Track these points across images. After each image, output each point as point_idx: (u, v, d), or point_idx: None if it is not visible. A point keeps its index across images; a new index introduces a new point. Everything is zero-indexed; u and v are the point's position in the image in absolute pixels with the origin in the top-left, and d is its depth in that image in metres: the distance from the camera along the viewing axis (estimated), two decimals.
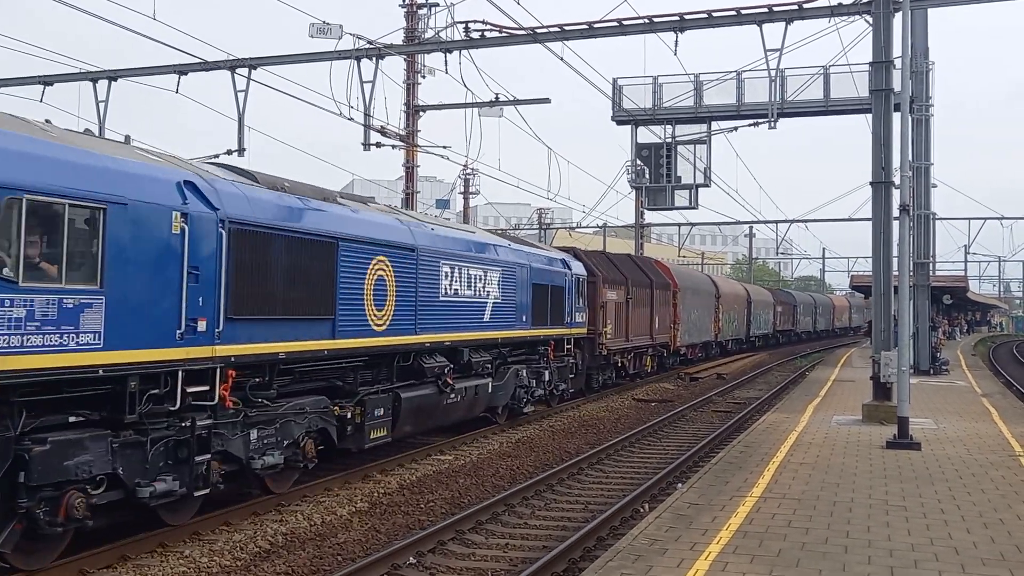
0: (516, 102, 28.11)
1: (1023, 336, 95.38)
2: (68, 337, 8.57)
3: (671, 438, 20.22)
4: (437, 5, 30.25)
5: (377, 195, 26.13)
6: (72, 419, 9.02)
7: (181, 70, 24.08)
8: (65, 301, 8.57)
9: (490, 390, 18.66)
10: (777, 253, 76.84)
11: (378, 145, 27.68)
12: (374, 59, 23.69)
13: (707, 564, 8.30)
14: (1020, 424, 18.67)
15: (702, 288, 41.72)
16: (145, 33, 21.40)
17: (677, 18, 21.00)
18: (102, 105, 24.97)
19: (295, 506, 12.49)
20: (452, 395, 16.75)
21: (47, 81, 25.62)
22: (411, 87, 31.63)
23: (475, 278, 17.77)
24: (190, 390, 10.15)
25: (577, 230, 60.63)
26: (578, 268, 24.53)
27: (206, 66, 23.69)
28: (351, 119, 23.81)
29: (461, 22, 23.11)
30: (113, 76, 24.96)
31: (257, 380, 11.64)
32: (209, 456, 10.50)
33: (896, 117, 18.64)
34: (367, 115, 24.49)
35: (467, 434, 18.64)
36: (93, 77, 24.94)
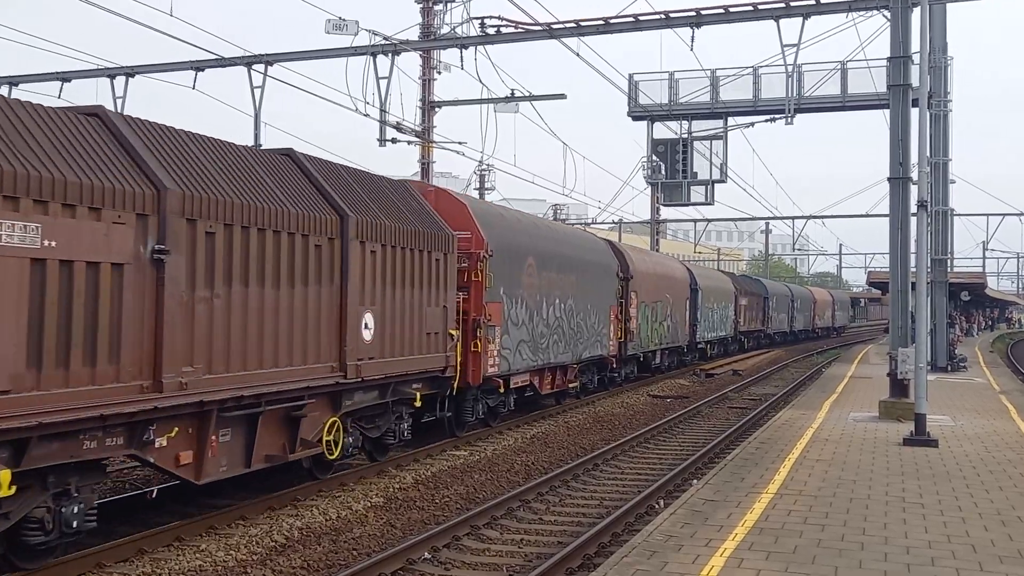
0: (532, 98, 28.11)
1: None
2: None
3: (687, 434, 20.18)
4: (453, 1, 30.25)
5: None
6: None
7: (198, 66, 24.22)
8: None
9: None
10: (794, 249, 76.61)
11: (394, 141, 27.77)
12: (390, 55, 23.75)
13: (723, 560, 8.28)
14: None
15: (579, 259, 22.83)
16: (163, 30, 21.48)
17: (693, 13, 20.97)
18: (119, 101, 25.12)
19: (310, 501, 12.53)
20: None
21: (65, 77, 25.80)
22: (427, 83, 31.66)
23: None
24: None
25: (592, 226, 60.56)
26: None
27: (223, 62, 23.81)
28: (367, 115, 23.91)
29: (477, 18, 23.19)
30: (130, 72, 25.12)
31: None
32: None
33: (914, 112, 18.56)
34: (383, 111, 24.55)
35: (481, 430, 18.64)
36: (111, 73, 25.10)
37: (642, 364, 30.28)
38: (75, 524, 8.90)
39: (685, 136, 36.28)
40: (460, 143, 31.00)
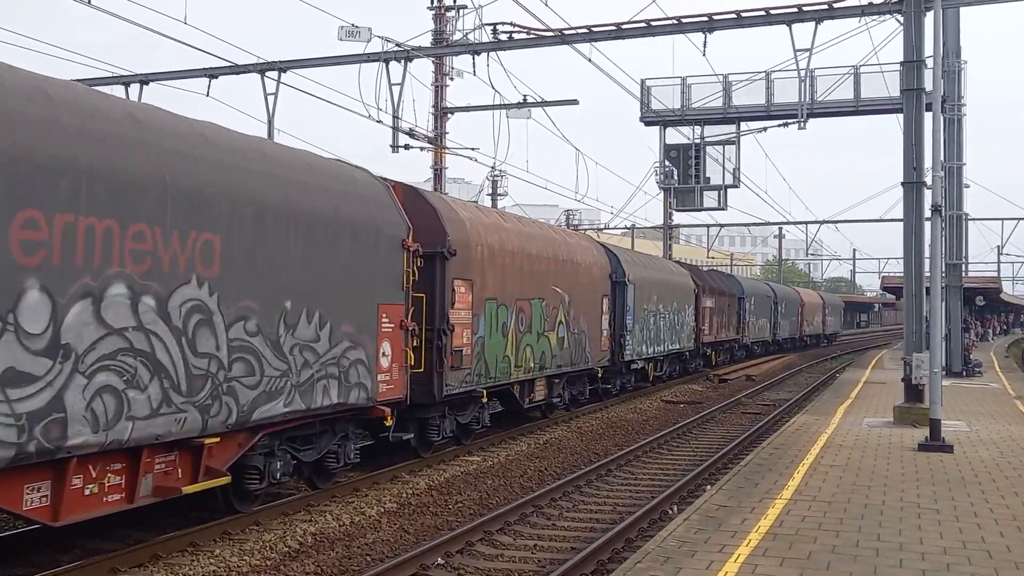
0: (544, 104, 28.14)
1: None
2: None
3: (700, 440, 20.14)
4: (465, 7, 30.33)
5: None
6: None
7: (212, 73, 24.30)
8: None
9: None
10: (807, 254, 76.37)
11: (406, 147, 27.81)
12: (403, 61, 23.79)
13: (736, 567, 8.25)
14: None
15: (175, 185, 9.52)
16: (177, 37, 21.66)
17: (706, 19, 20.93)
18: None
19: (324, 506, 12.55)
20: None
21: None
22: (439, 89, 31.73)
23: None
24: None
25: (605, 231, 60.55)
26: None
27: (236, 69, 23.89)
28: (380, 121, 23.96)
29: (489, 24, 23.18)
30: (145, 80, 25.22)
31: None
32: None
33: (928, 117, 18.50)
34: (396, 117, 24.60)
35: (495, 435, 18.64)
36: (125, 81, 25.20)
37: (509, 401, 19.26)
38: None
39: (698, 141, 36.26)
40: (473, 149, 31.12)
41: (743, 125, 35.67)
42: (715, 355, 39.05)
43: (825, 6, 20.13)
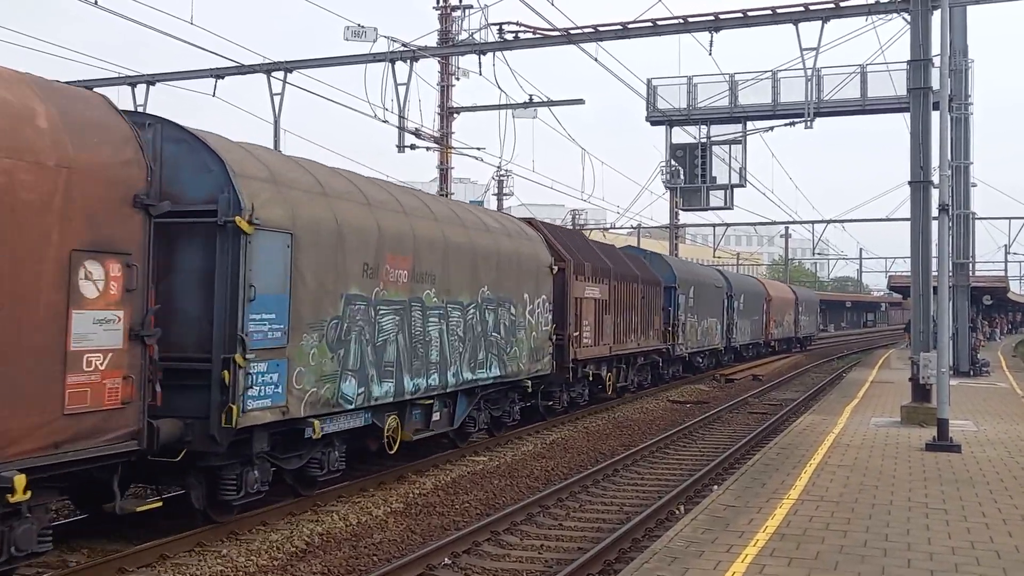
0: (550, 103, 28.10)
1: None
2: None
3: (706, 440, 20.11)
4: (471, 7, 30.33)
5: None
6: None
7: (218, 74, 24.32)
8: None
9: None
10: (813, 254, 76.24)
11: (412, 147, 27.84)
12: (408, 61, 23.79)
13: (744, 567, 8.24)
14: None
15: None
16: (183, 38, 21.68)
17: (712, 18, 20.90)
18: (140, 109, 25.26)
19: (331, 506, 12.56)
20: None
21: (87, 86, 25.95)
22: (445, 89, 31.75)
23: None
24: None
25: (611, 231, 60.49)
26: None
27: (242, 70, 23.90)
28: (386, 121, 23.96)
29: (495, 24, 23.17)
30: (151, 80, 25.24)
31: None
32: None
33: (935, 116, 18.45)
34: (402, 117, 24.60)
35: (501, 435, 18.63)
36: (132, 81, 25.22)
37: None
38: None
39: (704, 140, 36.22)
40: (479, 149, 31.12)
41: (749, 124, 35.64)
42: (611, 376, 24.54)
43: (832, 5, 20.08)
